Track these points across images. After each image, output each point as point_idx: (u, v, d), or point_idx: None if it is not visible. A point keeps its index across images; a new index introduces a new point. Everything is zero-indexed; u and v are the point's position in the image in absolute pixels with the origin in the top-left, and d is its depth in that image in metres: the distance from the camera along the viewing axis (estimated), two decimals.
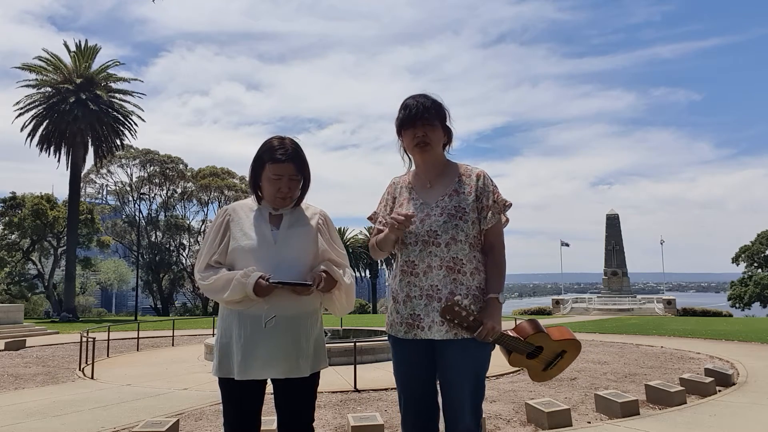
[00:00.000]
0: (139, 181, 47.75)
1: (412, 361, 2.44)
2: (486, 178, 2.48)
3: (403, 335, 2.44)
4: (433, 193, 2.48)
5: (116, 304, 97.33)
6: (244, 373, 2.37)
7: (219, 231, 2.52)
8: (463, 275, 2.38)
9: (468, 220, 2.40)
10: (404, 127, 2.47)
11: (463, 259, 2.38)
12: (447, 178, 2.50)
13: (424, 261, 2.39)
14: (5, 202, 37.08)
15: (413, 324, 2.41)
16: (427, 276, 2.39)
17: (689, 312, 34.71)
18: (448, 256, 2.37)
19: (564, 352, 2.53)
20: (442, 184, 2.49)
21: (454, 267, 2.37)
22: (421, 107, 2.42)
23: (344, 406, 6.18)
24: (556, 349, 2.50)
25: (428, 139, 2.43)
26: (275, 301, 2.38)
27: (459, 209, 2.40)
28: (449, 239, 2.37)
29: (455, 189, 2.46)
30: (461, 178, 2.49)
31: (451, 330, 2.31)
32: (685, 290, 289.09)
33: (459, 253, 2.38)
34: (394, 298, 2.51)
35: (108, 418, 5.73)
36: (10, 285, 38.93)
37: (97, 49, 34.70)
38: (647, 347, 12.29)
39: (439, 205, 2.43)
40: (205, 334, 15.93)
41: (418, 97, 2.47)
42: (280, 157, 2.44)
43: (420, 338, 2.39)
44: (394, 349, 2.52)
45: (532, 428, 5.09)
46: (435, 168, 2.52)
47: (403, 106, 2.48)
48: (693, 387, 6.51)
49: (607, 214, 43.58)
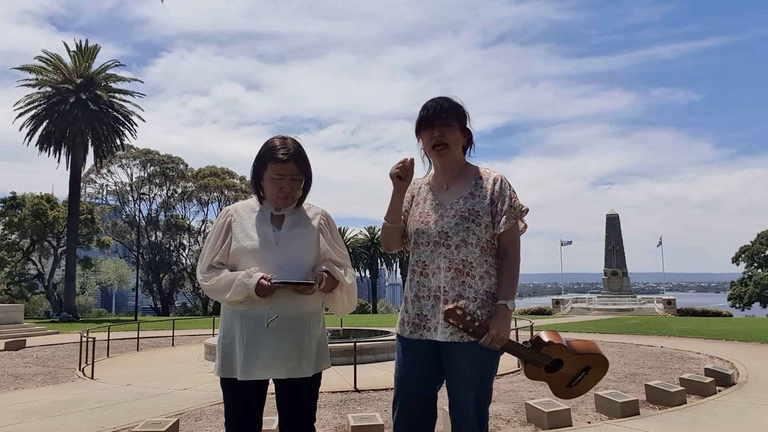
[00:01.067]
0: (139, 181, 47.76)
1: (415, 360, 2.42)
2: (503, 182, 2.45)
3: (409, 335, 2.43)
4: (449, 195, 2.47)
5: (116, 304, 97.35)
6: (246, 373, 2.37)
7: (221, 232, 2.52)
8: (472, 278, 2.35)
9: (481, 223, 2.37)
10: (422, 128, 2.46)
11: (473, 262, 2.35)
12: (464, 181, 2.48)
13: (434, 262, 2.38)
14: (5, 202, 37.07)
15: (420, 324, 2.40)
16: (436, 277, 2.38)
17: (689, 312, 34.70)
18: (457, 258, 2.35)
19: (588, 367, 2.38)
20: (458, 187, 2.47)
21: (463, 269, 2.35)
22: (438, 108, 2.42)
23: (344, 406, 6.19)
24: (578, 364, 2.36)
25: (445, 140, 2.41)
26: (277, 301, 2.38)
27: (472, 212, 2.38)
28: (460, 241, 2.36)
29: (471, 192, 2.44)
30: (478, 181, 2.47)
31: (456, 332, 2.29)
32: (685, 290, 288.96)
33: (469, 256, 2.35)
34: (405, 297, 2.50)
35: (108, 418, 5.73)
36: (10, 285, 38.93)
37: (97, 49, 34.71)
38: (647, 347, 12.29)
39: (453, 207, 2.42)
40: (205, 334, 15.93)
41: (438, 99, 2.46)
42: (282, 156, 2.44)
43: (425, 338, 2.38)
44: (399, 348, 2.50)
45: (532, 428, 5.09)
46: (452, 170, 2.50)
47: (422, 108, 2.47)
48: (693, 387, 6.51)
49: (607, 214, 43.58)
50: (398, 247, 2.57)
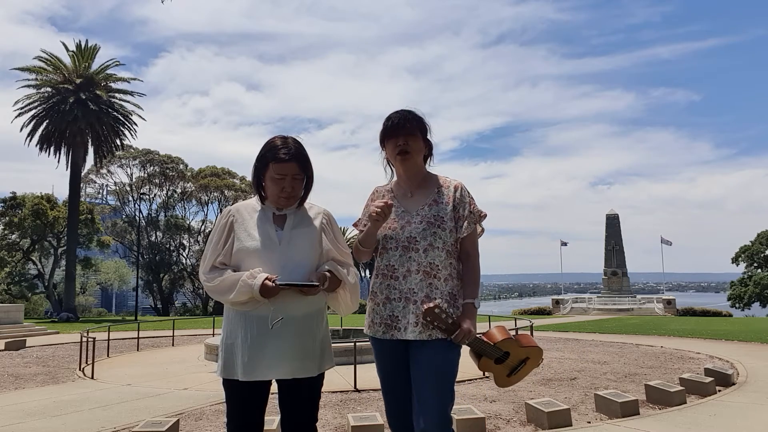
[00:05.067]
0: (139, 181, 47.73)
1: (391, 359, 2.56)
2: (463, 190, 2.63)
3: (381, 335, 2.55)
4: (413, 202, 2.62)
5: (116, 304, 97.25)
6: (250, 373, 2.37)
7: (223, 232, 2.52)
8: (438, 280, 2.50)
9: (446, 228, 2.53)
10: (387, 137, 2.61)
11: (439, 265, 2.51)
12: (427, 189, 2.64)
13: (404, 265, 2.52)
14: (5, 202, 37.03)
15: (391, 325, 2.52)
16: (406, 279, 2.52)
17: (689, 312, 34.72)
18: (425, 261, 2.50)
19: (527, 358, 2.58)
20: (422, 194, 2.63)
21: (431, 272, 2.50)
22: (403, 119, 2.57)
23: (344, 406, 6.19)
24: (521, 355, 2.56)
25: (409, 148, 2.56)
26: (281, 302, 2.38)
27: (438, 218, 2.54)
28: (427, 245, 2.51)
29: (435, 199, 2.60)
30: (440, 189, 2.63)
31: (425, 331, 2.42)
32: (685, 290, 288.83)
33: (436, 259, 2.51)
34: (373, 299, 2.61)
35: (108, 418, 5.73)
36: (11, 285, 38.89)
37: (96, 49, 34.66)
38: (647, 347, 12.30)
39: (419, 213, 2.57)
40: (205, 334, 15.93)
41: (401, 111, 2.62)
42: (284, 156, 2.45)
43: (396, 338, 2.51)
44: (375, 349, 2.64)
45: (532, 428, 5.10)
46: (416, 178, 2.66)
47: (386, 119, 2.62)
48: (693, 387, 6.51)
49: (607, 214, 43.59)
50: (368, 259, 2.72)
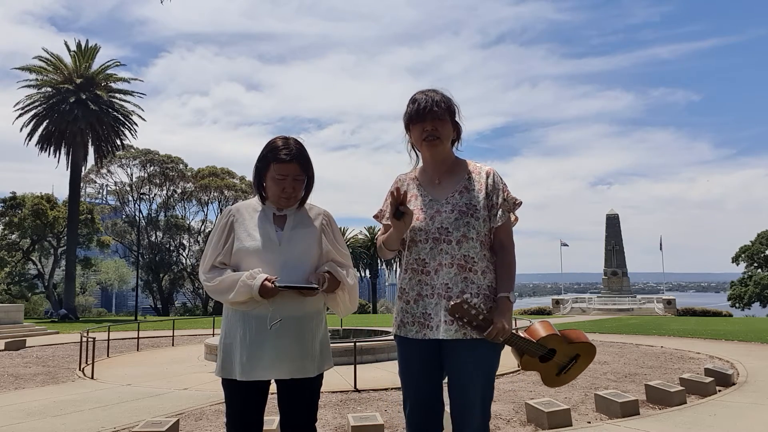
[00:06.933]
0: (139, 181, 47.74)
1: (423, 360, 2.37)
2: (496, 176, 2.43)
3: (414, 335, 2.36)
4: (442, 189, 2.42)
5: (116, 304, 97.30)
6: (249, 373, 2.37)
7: (223, 232, 2.52)
8: (475, 274, 2.32)
9: (479, 217, 2.34)
10: (413, 122, 2.41)
11: (475, 257, 2.32)
12: (456, 175, 2.45)
13: (435, 259, 2.33)
14: (5, 202, 37.04)
15: (425, 323, 2.34)
16: (438, 274, 2.32)
17: (689, 312, 34.72)
18: (459, 253, 2.31)
19: (578, 356, 2.43)
20: (451, 181, 2.43)
21: (466, 265, 2.31)
22: (430, 101, 2.36)
23: (344, 406, 6.19)
24: (569, 352, 2.40)
25: (438, 134, 2.37)
26: (280, 302, 2.38)
27: (470, 206, 2.35)
28: (461, 236, 2.32)
29: (465, 186, 2.40)
30: (471, 175, 2.44)
31: (460, 329, 2.24)
32: (685, 290, 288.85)
33: (470, 251, 2.32)
34: (403, 297, 2.42)
35: (108, 418, 5.73)
36: (11, 285, 38.91)
37: (97, 49, 34.70)
38: (647, 347, 12.29)
39: (449, 201, 2.37)
40: (205, 334, 15.93)
41: (428, 92, 2.41)
42: (285, 156, 2.44)
43: (429, 338, 2.33)
44: (403, 349, 2.44)
45: (532, 428, 5.10)
46: (444, 164, 2.46)
47: (412, 100, 2.42)
48: (693, 387, 6.51)
49: (607, 214, 43.60)
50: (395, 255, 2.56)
